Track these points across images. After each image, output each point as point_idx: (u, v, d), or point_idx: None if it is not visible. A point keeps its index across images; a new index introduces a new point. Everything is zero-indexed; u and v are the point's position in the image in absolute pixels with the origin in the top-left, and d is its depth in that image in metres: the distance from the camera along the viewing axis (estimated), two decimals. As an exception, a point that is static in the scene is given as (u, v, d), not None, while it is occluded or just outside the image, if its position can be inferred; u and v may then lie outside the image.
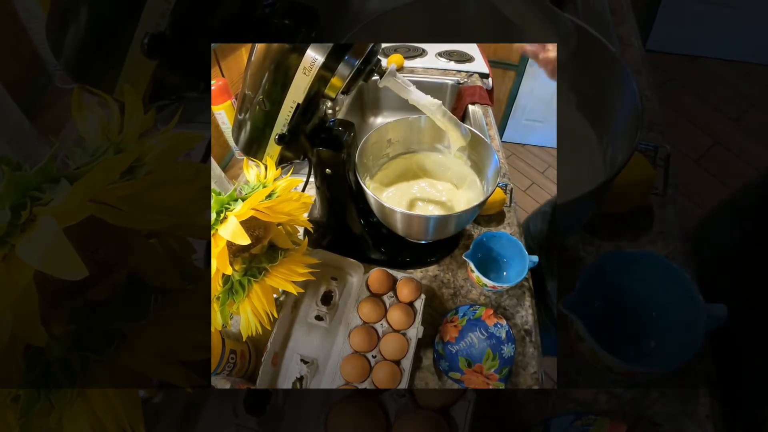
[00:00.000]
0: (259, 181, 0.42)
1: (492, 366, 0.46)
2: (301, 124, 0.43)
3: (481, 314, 0.50)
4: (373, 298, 0.50)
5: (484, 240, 0.55)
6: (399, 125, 0.56)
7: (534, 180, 1.81)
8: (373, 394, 0.41)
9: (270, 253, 0.43)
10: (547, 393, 0.46)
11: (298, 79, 0.39)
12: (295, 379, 0.45)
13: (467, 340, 0.48)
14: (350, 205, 0.52)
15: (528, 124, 1.90)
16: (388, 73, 0.42)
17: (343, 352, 0.46)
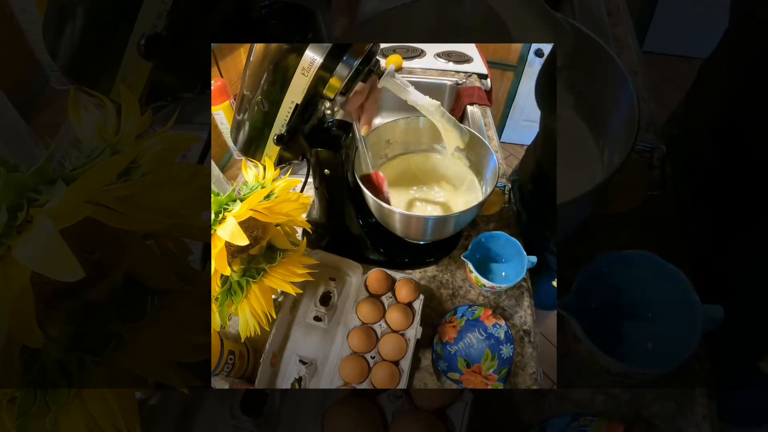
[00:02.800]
0: (258, 181, 0.42)
1: (491, 366, 0.46)
2: (300, 125, 0.43)
3: (480, 315, 0.50)
4: (371, 298, 0.50)
5: (482, 240, 0.55)
6: (398, 126, 0.56)
7: (532, 180, 1.81)
8: (371, 395, 0.41)
9: (268, 254, 0.43)
10: (544, 394, 0.46)
11: (297, 79, 0.39)
12: (294, 380, 0.45)
13: (466, 340, 0.48)
14: (349, 206, 0.52)
15: (527, 124, 1.90)
16: (387, 73, 0.42)
17: (342, 352, 0.46)
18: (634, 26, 0.79)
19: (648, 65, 0.74)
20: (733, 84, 0.59)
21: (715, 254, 0.63)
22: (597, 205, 0.49)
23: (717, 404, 0.45)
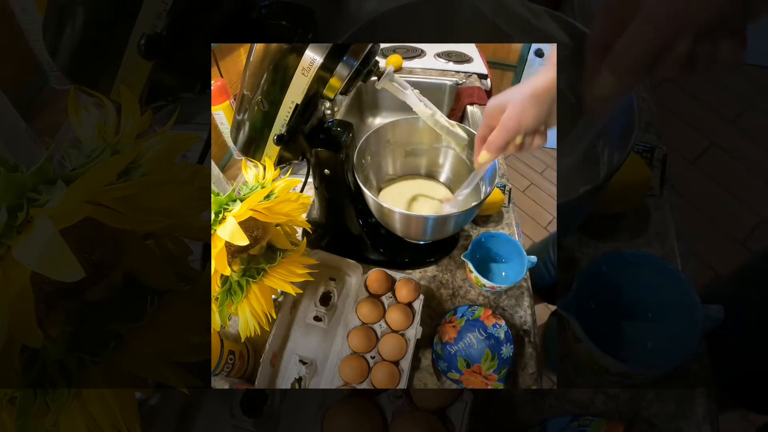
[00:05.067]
0: (258, 181, 0.42)
1: (491, 366, 0.46)
2: (300, 125, 0.43)
3: (480, 315, 0.50)
4: (371, 298, 0.50)
5: (482, 240, 0.55)
6: (398, 126, 0.56)
7: (532, 180, 1.81)
8: (371, 395, 0.41)
9: (268, 254, 0.43)
10: (544, 394, 0.46)
11: (297, 79, 0.39)
12: (294, 380, 0.45)
13: (466, 340, 0.48)
14: (349, 206, 0.52)
15: (526, 124, 1.90)
16: (385, 75, 0.42)
17: (342, 352, 0.46)
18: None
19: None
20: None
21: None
22: (597, 205, 0.49)
23: (717, 405, 0.45)
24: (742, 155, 1.56)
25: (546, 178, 1.82)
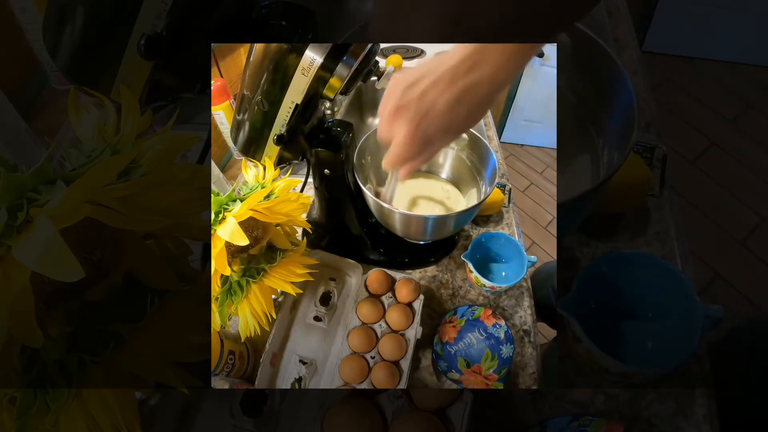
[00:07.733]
0: (258, 181, 0.42)
1: (491, 366, 0.46)
2: (300, 125, 0.43)
3: (480, 315, 0.50)
4: (371, 298, 0.50)
5: (482, 240, 0.55)
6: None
7: (532, 180, 1.81)
8: (371, 395, 0.41)
9: (268, 254, 0.43)
10: (544, 394, 0.46)
11: (297, 79, 0.39)
12: (294, 380, 0.45)
13: (466, 340, 0.48)
14: (349, 206, 0.52)
15: (526, 124, 1.90)
16: (385, 75, 0.42)
17: (342, 352, 0.46)
18: (634, 26, 0.79)
19: (648, 65, 0.74)
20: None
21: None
22: (597, 205, 0.49)
23: (717, 404, 0.45)
24: (742, 155, 1.57)
25: (546, 178, 1.82)
